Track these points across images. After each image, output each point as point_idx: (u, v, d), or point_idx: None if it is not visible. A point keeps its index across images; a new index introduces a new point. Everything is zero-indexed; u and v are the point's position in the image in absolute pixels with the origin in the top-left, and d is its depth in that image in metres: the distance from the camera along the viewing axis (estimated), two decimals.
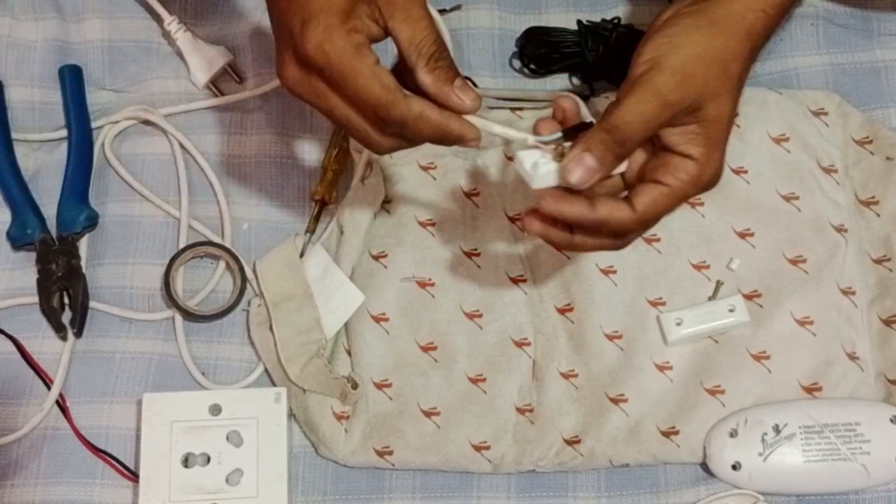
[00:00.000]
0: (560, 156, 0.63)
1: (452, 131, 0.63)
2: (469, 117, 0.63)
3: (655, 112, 0.62)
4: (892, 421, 0.77)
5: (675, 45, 0.63)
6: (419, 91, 0.63)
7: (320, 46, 0.60)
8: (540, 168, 0.63)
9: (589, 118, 0.64)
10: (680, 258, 0.82)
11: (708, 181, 0.65)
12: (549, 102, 0.86)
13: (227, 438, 0.77)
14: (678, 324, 0.79)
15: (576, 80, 0.89)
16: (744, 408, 0.78)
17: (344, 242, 0.82)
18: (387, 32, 0.63)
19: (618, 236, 0.66)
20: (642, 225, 0.65)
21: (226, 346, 0.83)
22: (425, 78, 0.62)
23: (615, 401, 0.79)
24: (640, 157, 0.66)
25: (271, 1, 0.64)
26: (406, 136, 0.63)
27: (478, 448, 0.78)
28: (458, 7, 0.90)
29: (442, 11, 0.89)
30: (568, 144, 0.63)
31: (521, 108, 0.86)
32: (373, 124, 0.63)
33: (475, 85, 0.86)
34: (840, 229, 0.82)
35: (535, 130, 0.66)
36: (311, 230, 0.84)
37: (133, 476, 0.78)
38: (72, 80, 0.89)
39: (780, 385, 0.79)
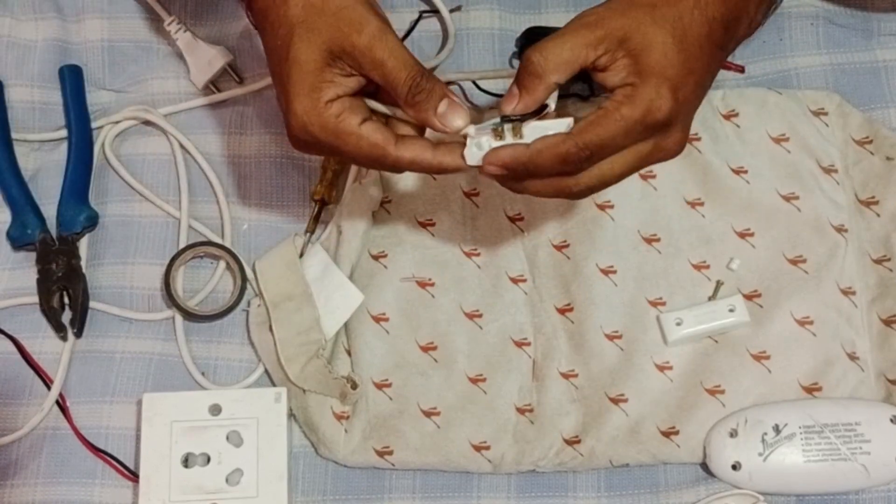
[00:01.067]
0: (498, 136, 0.64)
1: (447, 167, 0.65)
2: (471, 155, 0.64)
3: (573, 34, 0.63)
4: (892, 421, 0.77)
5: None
6: None
7: (305, 128, 0.65)
8: (472, 149, 0.65)
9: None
10: (680, 258, 0.82)
11: (647, 107, 0.62)
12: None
13: (227, 438, 0.77)
14: (678, 324, 0.79)
15: (575, 81, 0.89)
16: (744, 408, 0.78)
17: (343, 242, 0.82)
18: (368, 80, 0.66)
19: (565, 171, 0.64)
20: (586, 152, 0.63)
21: (226, 346, 0.83)
22: (409, 112, 0.65)
23: (615, 401, 0.79)
24: None
25: (270, 72, 0.68)
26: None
27: (478, 448, 0.78)
28: (458, 8, 0.90)
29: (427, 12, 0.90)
30: (508, 126, 0.65)
31: None
32: (378, 168, 0.67)
33: (479, 87, 0.86)
34: (840, 229, 0.82)
35: (500, 103, 0.66)
36: (310, 230, 0.84)
37: (133, 476, 0.78)
38: (72, 80, 0.89)
39: (780, 385, 0.79)
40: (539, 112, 0.65)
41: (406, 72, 0.64)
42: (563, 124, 0.64)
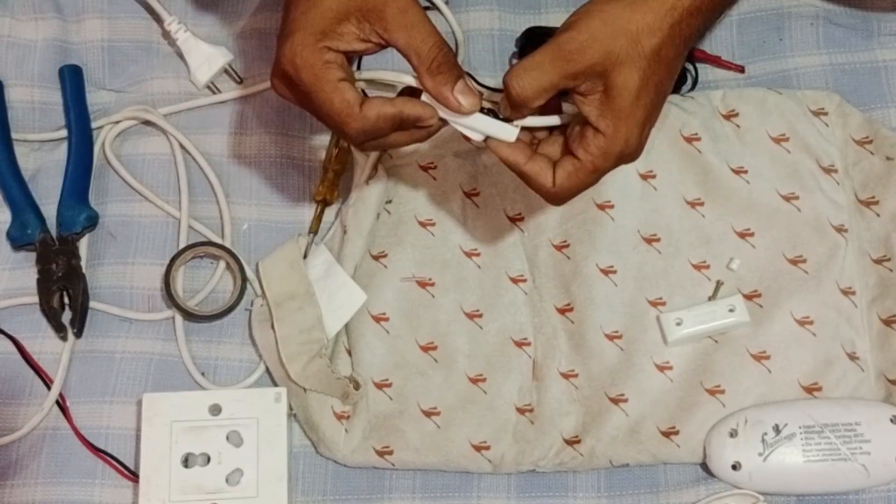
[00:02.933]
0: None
1: (409, 116, 0.66)
2: (467, 118, 0.67)
3: (552, 64, 0.64)
4: (892, 421, 0.77)
5: (592, 11, 0.65)
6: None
7: (291, 60, 0.65)
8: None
9: None
10: (680, 258, 0.82)
11: (619, 154, 0.66)
12: None
13: (227, 438, 0.77)
14: (678, 324, 0.79)
15: None
16: (744, 408, 0.78)
17: (347, 242, 0.82)
18: (388, 43, 0.66)
19: (542, 195, 0.69)
20: (560, 198, 0.68)
21: (226, 346, 0.83)
22: (427, 82, 0.66)
23: (615, 401, 0.79)
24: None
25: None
26: (373, 139, 0.68)
27: (478, 448, 0.78)
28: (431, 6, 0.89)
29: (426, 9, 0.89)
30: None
31: None
32: (341, 133, 0.68)
33: (477, 82, 0.86)
34: (840, 229, 0.82)
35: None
36: (313, 230, 0.84)
37: (133, 476, 0.78)
38: (72, 80, 0.89)
39: (780, 385, 0.79)
40: None
41: (434, 40, 0.65)
42: (550, 120, 0.69)
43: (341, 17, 0.65)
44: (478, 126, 0.68)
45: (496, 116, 0.68)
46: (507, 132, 0.68)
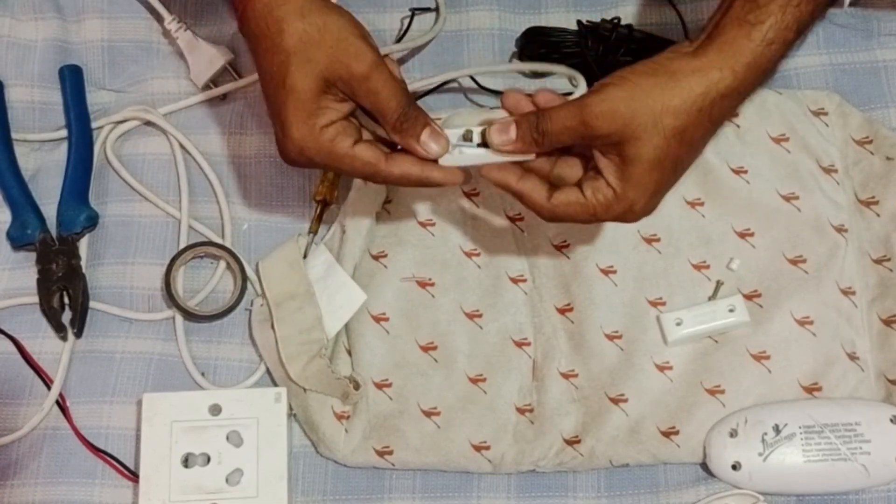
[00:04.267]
0: (467, 139, 0.71)
1: (435, 180, 0.71)
2: (445, 157, 0.70)
3: (575, 127, 0.67)
4: (892, 421, 0.77)
5: (623, 81, 0.67)
6: None
7: (301, 152, 0.70)
8: (450, 155, 0.71)
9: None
10: (680, 258, 0.82)
11: (621, 213, 0.69)
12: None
13: (227, 438, 0.77)
14: (678, 324, 0.79)
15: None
16: (744, 408, 0.78)
17: (346, 242, 0.83)
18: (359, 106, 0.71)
19: (535, 211, 0.71)
20: (551, 217, 0.71)
21: (226, 346, 0.83)
22: (395, 137, 0.70)
23: (615, 401, 0.79)
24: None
25: (263, 91, 0.72)
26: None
27: (478, 448, 0.78)
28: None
29: (419, 9, 0.90)
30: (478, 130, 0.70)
31: None
32: (371, 181, 0.73)
33: (477, 83, 0.86)
34: (840, 229, 0.82)
35: (490, 129, 0.70)
36: (313, 230, 0.84)
37: (133, 476, 0.78)
38: (72, 80, 0.89)
39: (780, 385, 0.79)
40: None
41: (396, 102, 0.69)
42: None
43: (317, 94, 0.69)
44: (494, 160, 0.70)
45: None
46: (522, 156, 0.70)
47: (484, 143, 0.71)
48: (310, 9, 0.69)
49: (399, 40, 0.89)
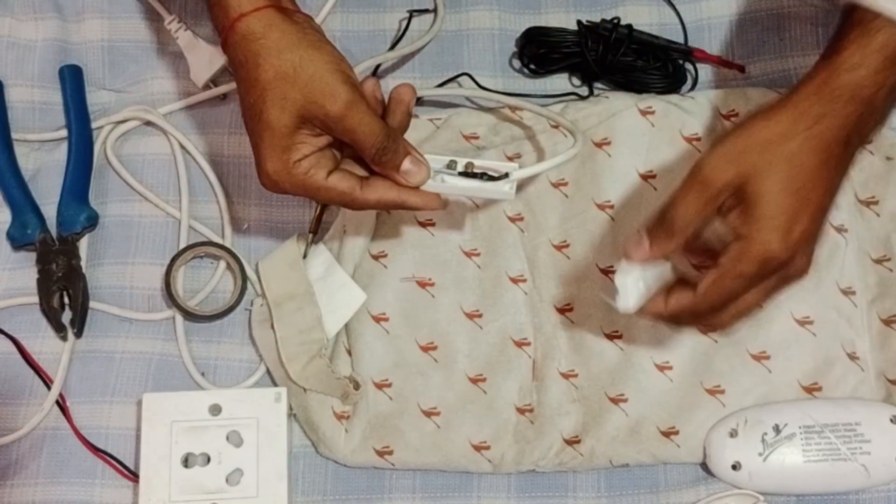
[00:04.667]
0: (451, 167, 0.72)
1: (413, 205, 0.72)
2: (428, 184, 0.72)
3: (695, 196, 0.66)
4: (892, 421, 0.77)
5: (730, 132, 0.67)
6: None
7: (277, 185, 0.72)
8: (433, 181, 0.72)
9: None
10: None
11: (762, 258, 0.66)
12: (545, 100, 0.86)
13: (227, 438, 0.77)
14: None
15: (576, 81, 0.89)
16: (744, 408, 0.78)
17: (346, 242, 0.82)
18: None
19: (694, 321, 0.71)
20: (709, 306, 0.68)
21: (226, 346, 0.83)
22: (376, 169, 0.72)
23: (615, 401, 0.79)
24: None
25: (242, 117, 0.73)
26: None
27: (478, 448, 0.78)
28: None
29: (417, 11, 0.90)
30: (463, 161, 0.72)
31: (519, 108, 0.86)
32: (349, 208, 0.74)
33: (477, 83, 0.86)
34: (840, 229, 0.82)
35: (627, 252, 0.70)
36: (313, 230, 0.84)
37: (133, 476, 0.78)
38: (72, 80, 0.89)
39: (780, 385, 0.79)
40: None
41: (374, 138, 0.70)
42: (507, 166, 0.74)
43: (293, 130, 0.70)
44: (475, 192, 0.72)
45: (491, 178, 0.72)
46: (504, 193, 0.72)
47: (466, 174, 0.72)
48: (286, 44, 0.69)
49: (395, 43, 0.89)
